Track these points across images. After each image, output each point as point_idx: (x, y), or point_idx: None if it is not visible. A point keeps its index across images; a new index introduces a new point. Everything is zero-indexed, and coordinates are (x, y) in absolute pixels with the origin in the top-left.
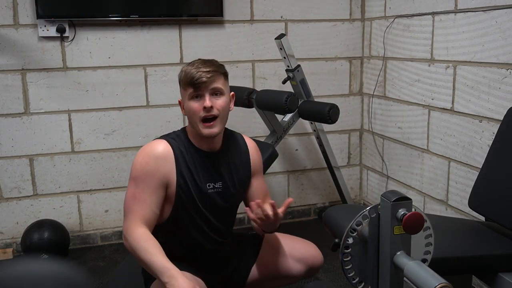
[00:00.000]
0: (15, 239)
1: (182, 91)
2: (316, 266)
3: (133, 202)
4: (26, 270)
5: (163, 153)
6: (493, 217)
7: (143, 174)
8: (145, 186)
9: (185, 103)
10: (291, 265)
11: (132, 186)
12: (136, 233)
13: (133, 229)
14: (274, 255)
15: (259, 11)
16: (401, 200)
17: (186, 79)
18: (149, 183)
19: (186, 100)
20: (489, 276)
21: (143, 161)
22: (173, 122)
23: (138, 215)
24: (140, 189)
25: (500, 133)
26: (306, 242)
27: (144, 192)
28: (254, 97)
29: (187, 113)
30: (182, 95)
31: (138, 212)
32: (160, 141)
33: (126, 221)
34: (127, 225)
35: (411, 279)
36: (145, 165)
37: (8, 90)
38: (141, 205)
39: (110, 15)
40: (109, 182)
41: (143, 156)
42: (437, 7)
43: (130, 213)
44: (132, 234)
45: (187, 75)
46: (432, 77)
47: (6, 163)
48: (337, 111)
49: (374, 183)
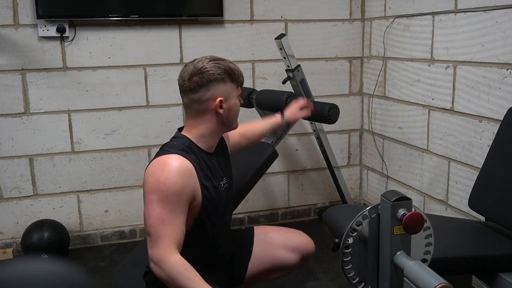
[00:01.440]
0: (15, 239)
1: (230, 89)
2: (309, 253)
3: (163, 226)
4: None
5: (187, 170)
6: (493, 217)
7: (170, 194)
8: (174, 207)
9: (233, 101)
10: (286, 255)
11: (158, 208)
12: (172, 260)
13: (168, 256)
14: (268, 248)
15: (259, 11)
16: (401, 200)
17: (240, 77)
18: (178, 203)
19: (234, 98)
20: (489, 276)
21: (168, 181)
22: (173, 122)
23: (170, 239)
24: (168, 210)
25: (500, 133)
26: (297, 232)
27: (174, 213)
28: (254, 97)
29: (231, 111)
30: (230, 93)
31: (170, 236)
32: (175, 156)
33: (157, 247)
34: (160, 253)
35: (411, 279)
36: (171, 185)
37: (8, 90)
38: (171, 228)
39: (110, 15)
40: (109, 182)
41: (166, 175)
42: (437, 7)
43: (160, 237)
44: (169, 262)
45: (240, 74)
46: (432, 77)
47: (6, 163)
48: (337, 111)
49: (374, 183)
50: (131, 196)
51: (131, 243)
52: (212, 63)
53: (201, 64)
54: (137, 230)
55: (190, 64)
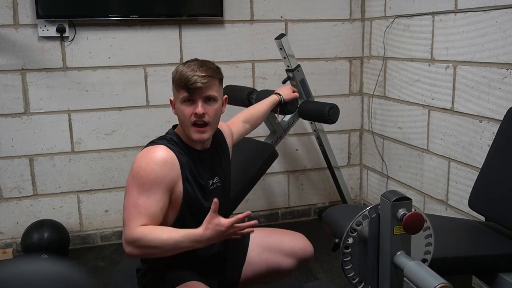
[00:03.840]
0: (15, 239)
1: (174, 91)
2: (306, 258)
3: (135, 210)
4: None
5: (169, 159)
6: (493, 217)
7: (148, 181)
8: (150, 194)
9: (177, 104)
10: (281, 260)
11: (134, 193)
12: (137, 232)
13: (134, 231)
14: (262, 253)
15: (259, 11)
16: (401, 200)
17: (180, 81)
18: (155, 190)
19: (178, 101)
20: (489, 276)
21: (148, 167)
22: (173, 122)
23: (140, 220)
24: (145, 196)
25: (500, 133)
26: (294, 234)
27: (149, 199)
28: (254, 97)
29: (178, 114)
30: (175, 96)
31: (140, 219)
32: (160, 147)
33: (126, 229)
34: (128, 233)
35: (411, 279)
36: (151, 171)
37: (8, 90)
38: (145, 212)
39: (110, 15)
40: (109, 182)
41: (147, 162)
42: (437, 7)
43: (130, 220)
44: (134, 235)
45: (182, 77)
46: (432, 77)
47: (6, 163)
48: (337, 111)
49: (374, 183)
50: None
51: None
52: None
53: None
54: None
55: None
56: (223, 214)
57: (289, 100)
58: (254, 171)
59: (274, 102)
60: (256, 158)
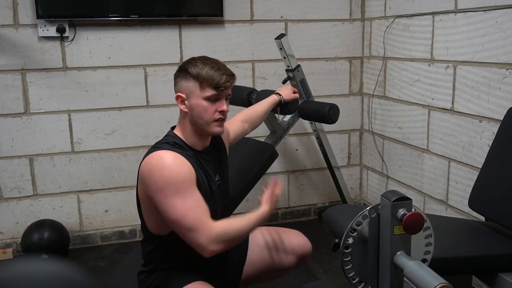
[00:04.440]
0: (15, 239)
1: (194, 88)
2: (305, 254)
3: (192, 212)
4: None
5: (181, 159)
6: (493, 217)
7: (181, 183)
8: (191, 192)
9: (195, 101)
10: (281, 258)
11: (177, 201)
12: (219, 229)
13: (215, 229)
14: (262, 252)
15: (259, 11)
16: (401, 200)
17: (211, 80)
18: (191, 188)
19: (199, 98)
20: (489, 276)
21: (172, 173)
22: (173, 122)
23: (205, 217)
24: (188, 197)
25: (500, 133)
26: (293, 232)
27: (194, 197)
28: (254, 97)
29: (194, 110)
30: (193, 92)
31: (204, 216)
32: (165, 151)
33: (201, 233)
34: (208, 233)
35: (411, 279)
36: (178, 175)
37: (8, 90)
38: (200, 209)
39: (110, 15)
40: (109, 182)
41: (168, 169)
42: (437, 7)
43: (199, 223)
44: (217, 232)
45: (212, 77)
46: (432, 77)
47: (6, 163)
48: (337, 111)
49: (374, 183)
50: (131, 196)
51: (131, 243)
52: (193, 60)
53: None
54: (137, 230)
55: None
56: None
57: (289, 100)
58: (254, 171)
59: (274, 102)
60: (256, 158)
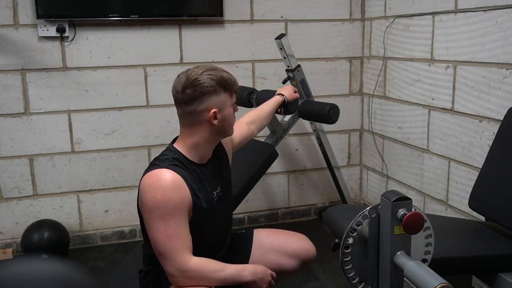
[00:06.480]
0: (15, 239)
1: (225, 99)
2: (309, 259)
3: (171, 241)
4: (26, 270)
5: (179, 182)
6: (493, 217)
7: (170, 209)
8: (176, 220)
9: (228, 110)
10: (284, 262)
11: (161, 226)
12: (191, 265)
13: (186, 264)
14: (265, 254)
15: (259, 11)
16: (401, 200)
17: (233, 85)
18: (179, 215)
19: (228, 108)
20: (489, 276)
21: (164, 198)
22: (173, 122)
23: (182, 250)
24: (172, 224)
25: (500, 133)
26: (297, 236)
27: (178, 225)
28: (254, 97)
29: (226, 120)
30: (225, 103)
31: (180, 247)
32: (167, 171)
33: (173, 262)
34: (178, 266)
35: (411, 279)
36: (169, 200)
37: (8, 90)
38: (179, 240)
39: (110, 15)
40: (109, 182)
41: (161, 192)
42: (437, 7)
43: (172, 253)
44: (190, 269)
45: (233, 82)
46: (432, 77)
47: (6, 163)
48: (337, 111)
49: (374, 183)
50: (131, 196)
51: (131, 243)
52: (205, 74)
53: (194, 76)
54: (137, 230)
55: (182, 75)
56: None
57: (291, 100)
58: (254, 171)
59: (279, 103)
60: (256, 158)
